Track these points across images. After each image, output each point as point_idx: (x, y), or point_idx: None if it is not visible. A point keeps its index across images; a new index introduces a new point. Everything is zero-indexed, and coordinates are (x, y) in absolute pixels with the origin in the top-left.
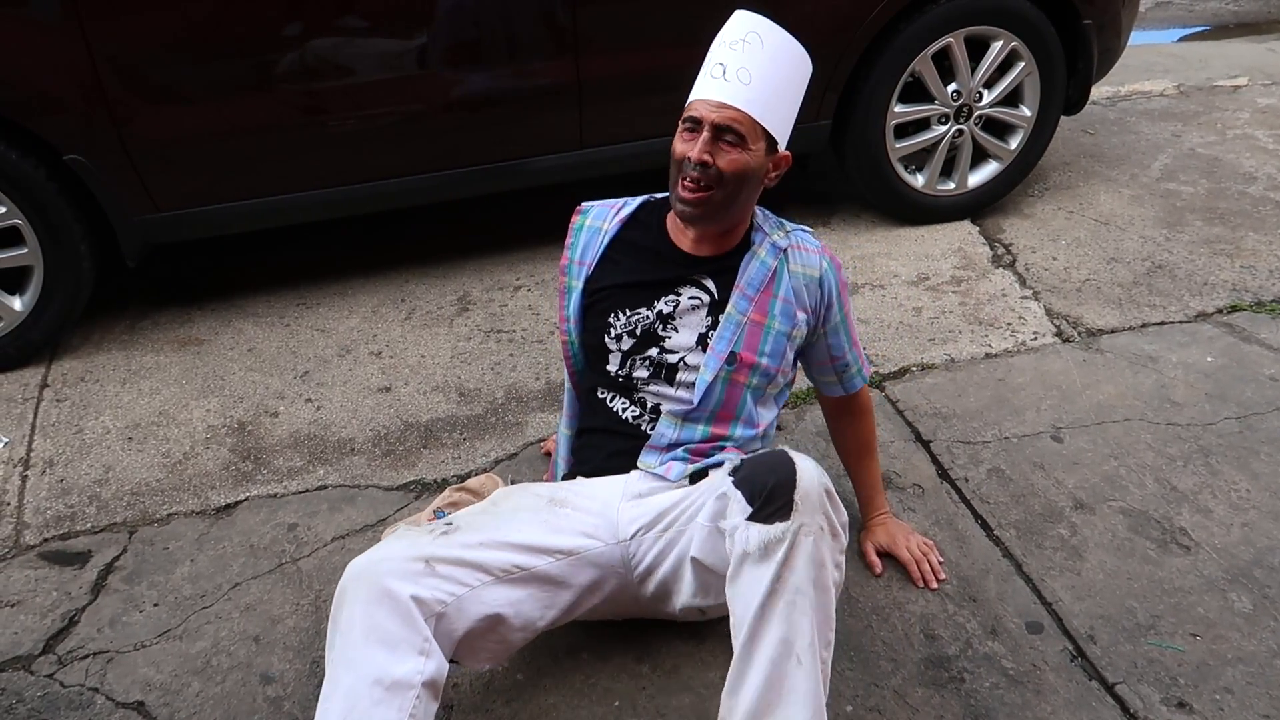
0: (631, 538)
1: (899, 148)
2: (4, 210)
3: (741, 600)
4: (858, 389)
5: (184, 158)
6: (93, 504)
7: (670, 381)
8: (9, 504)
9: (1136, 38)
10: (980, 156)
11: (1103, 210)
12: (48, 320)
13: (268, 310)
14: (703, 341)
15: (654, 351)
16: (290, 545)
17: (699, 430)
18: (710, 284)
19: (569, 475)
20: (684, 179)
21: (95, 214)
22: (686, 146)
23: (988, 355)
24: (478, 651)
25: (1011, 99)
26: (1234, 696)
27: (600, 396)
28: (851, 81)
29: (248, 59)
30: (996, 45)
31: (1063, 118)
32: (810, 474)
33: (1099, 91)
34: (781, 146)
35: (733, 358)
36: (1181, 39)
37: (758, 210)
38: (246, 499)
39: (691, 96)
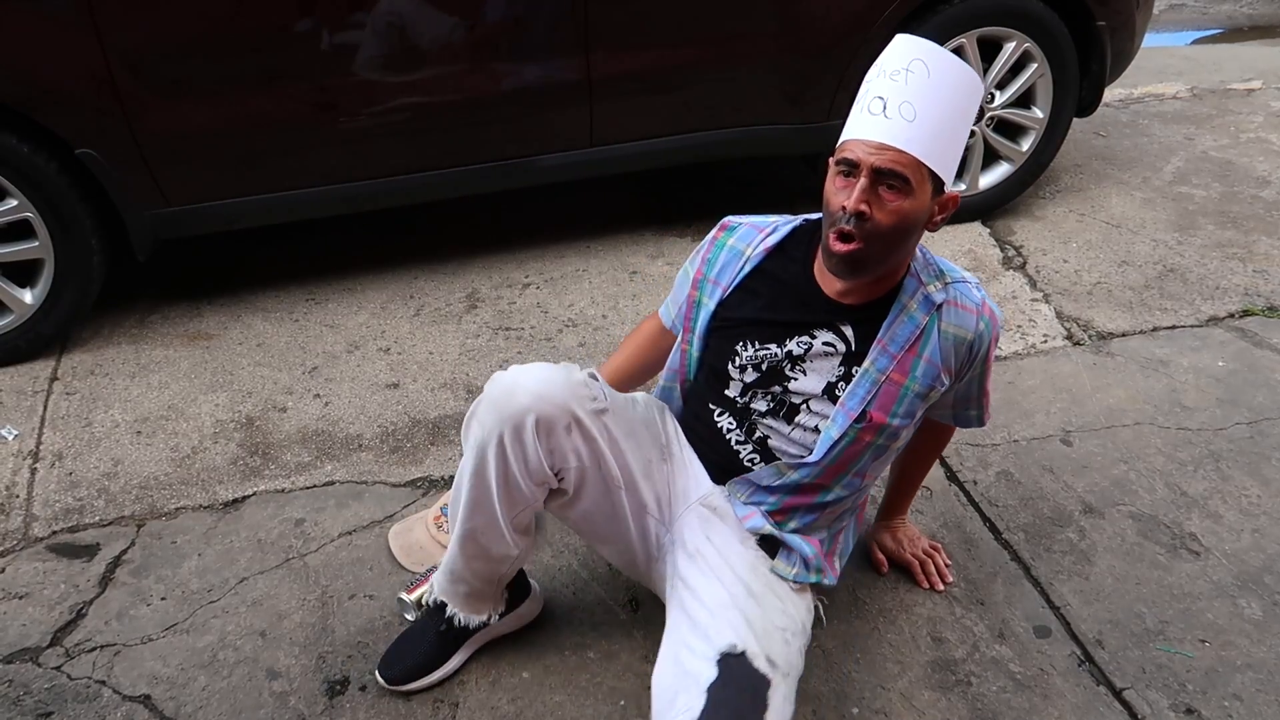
0: (670, 540)
1: None
2: (16, 203)
3: None
4: (968, 427)
5: (195, 152)
6: (101, 497)
7: (789, 421)
8: (18, 496)
9: (1150, 40)
10: (992, 158)
11: (1114, 213)
12: (58, 313)
13: (277, 306)
14: (830, 391)
15: (778, 389)
16: (297, 541)
17: (803, 479)
18: (849, 331)
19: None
20: (836, 229)
21: (106, 208)
22: (840, 195)
23: (997, 357)
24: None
25: (1024, 100)
26: (1243, 703)
27: (710, 408)
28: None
29: (259, 54)
30: (1009, 46)
31: (1075, 120)
32: None
33: (1112, 94)
34: (949, 186)
35: (863, 415)
36: (1195, 41)
37: (919, 252)
38: (254, 494)
39: (845, 135)
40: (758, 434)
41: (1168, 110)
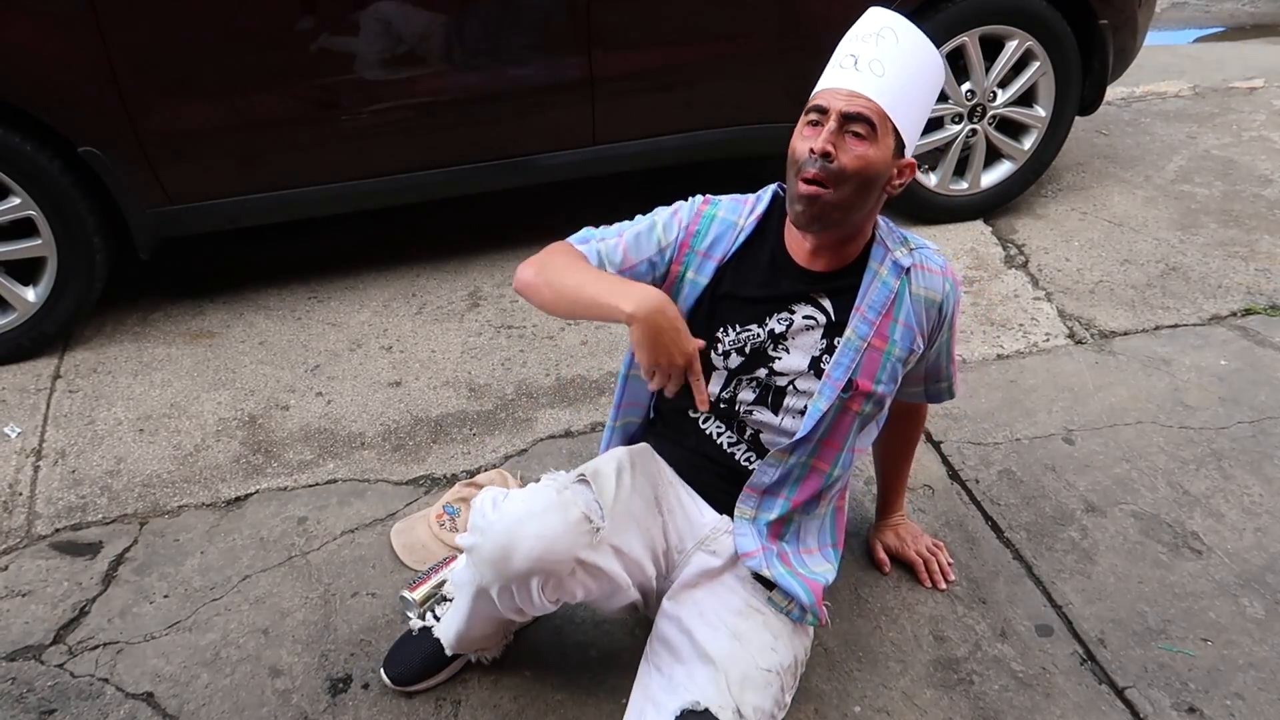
0: (668, 577)
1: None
2: (18, 201)
3: None
4: (940, 402)
5: (197, 151)
6: (104, 495)
7: (776, 409)
8: (21, 494)
9: (1152, 38)
10: (994, 156)
11: (1116, 212)
12: (61, 311)
13: (279, 304)
14: (815, 366)
15: (763, 373)
16: (300, 539)
17: (800, 465)
18: (827, 303)
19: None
20: (801, 176)
21: (109, 206)
22: (807, 141)
23: (999, 356)
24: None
25: (1026, 99)
26: (1245, 702)
27: (693, 417)
28: None
29: (261, 52)
30: (1011, 45)
31: (1077, 118)
32: None
33: (1114, 92)
34: (909, 152)
35: (849, 385)
36: (1198, 40)
37: (880, 221)
38: (256, 492)
39: (818, 88)
40: (749, 431)
41: (1170, 109)
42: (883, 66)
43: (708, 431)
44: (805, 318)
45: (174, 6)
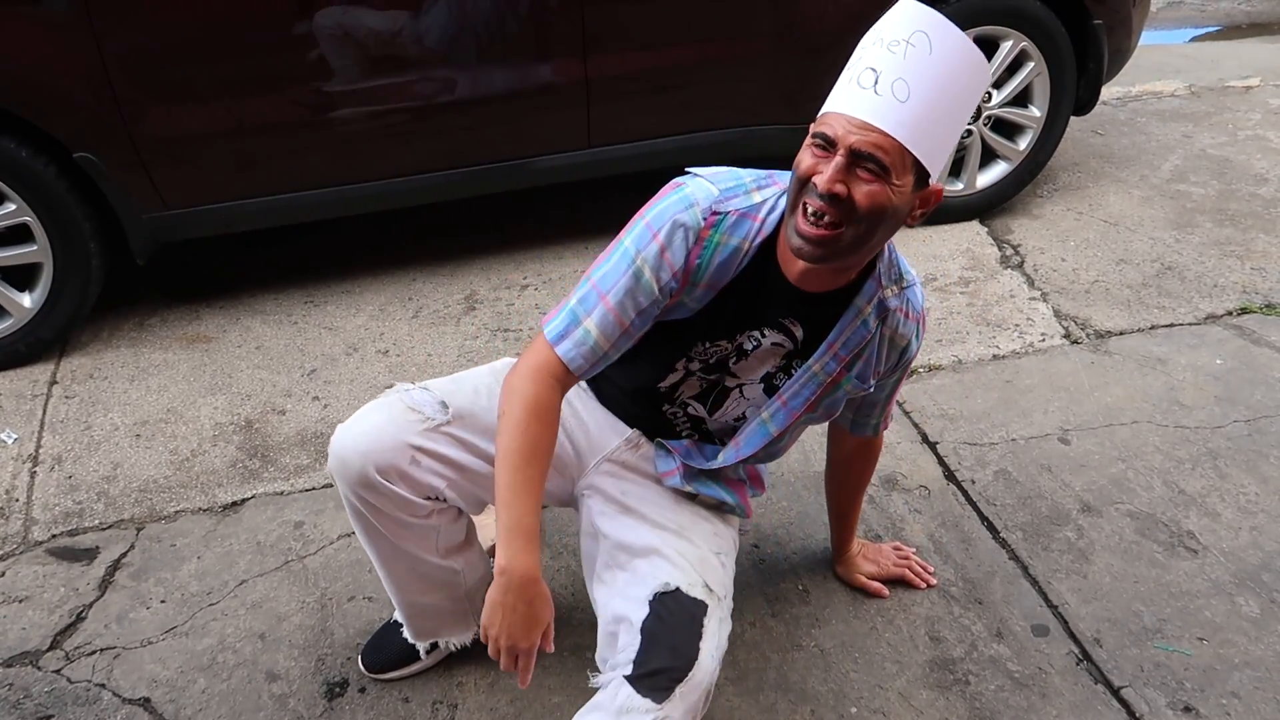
0: (583, 492)
1: None
2: (14, 207)
3: None
4: (864, 436)
5: (192, 155)
6: (101, 500)
7: (714, 409)
8: (18, 500)
9: (1147, 38)
10: (989, 157)
11: (1112, 211)
12: (57, 317)
13: (276, 308)
14: (768, 381)
15: (715, 377)
16: (296, 543)
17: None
18: (799, 330)
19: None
20: (805, 208)
21: (104, 211)
22: (815, 163)
23: (995, 356)
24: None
25: (1021, 99)
26: (1240, 701)
27: (636, 387)
28: None
29: (255, 57)
30: (1006, 45)
31: (1072, 118)
32: (705, 675)
33: (1109, 92)
34: (935, 179)
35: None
36: (1193, 39)
37: (885, 249)
38: (253, 496)
39: (828, 105)
40: (687, 414)
41: (1165, 108)
42: (908, 88)
43: (646, 398)
44: (774, 343)
45: (168, 11)
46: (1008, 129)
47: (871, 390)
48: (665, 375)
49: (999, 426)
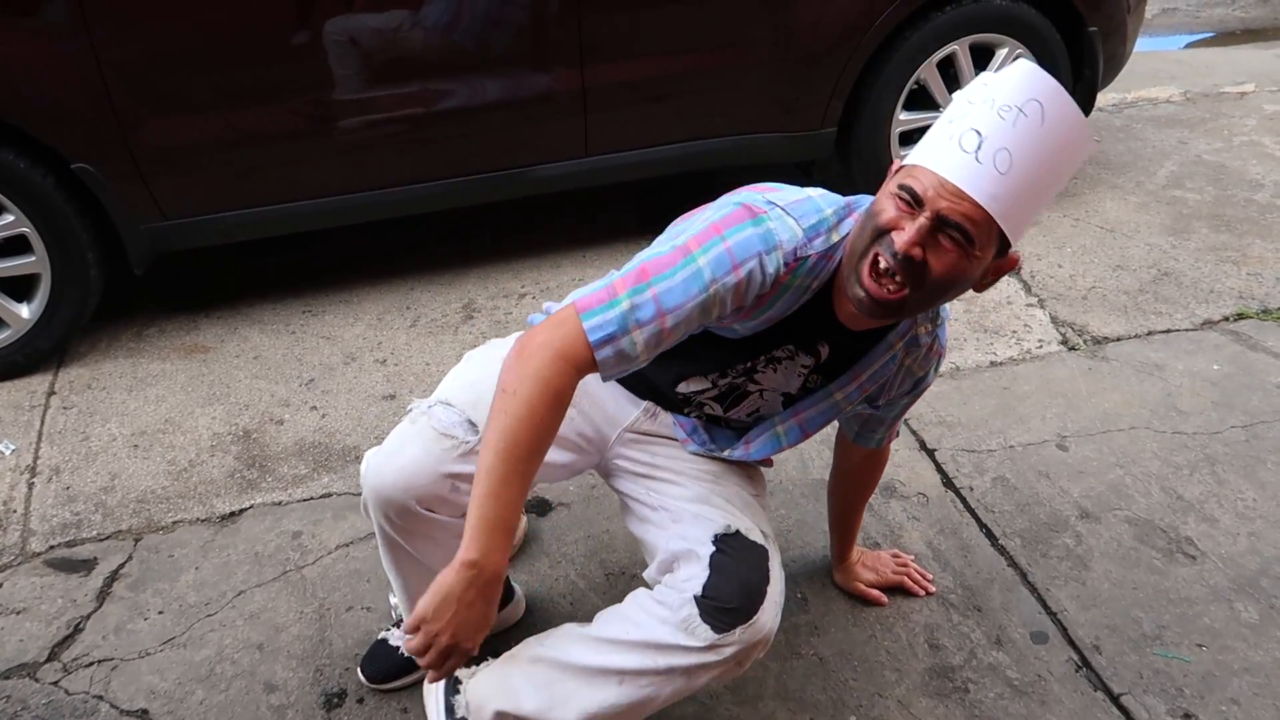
0: (613, 461)
1: (904, 155)
2: (12, 218)
3: (631, 619)
4: (869, 447)
5: (190, 166)
6: (98, 511)
7: (730, 407)
8: (15, 511)
9: (1142, 44)
10: None
11: (1108, 217)
12: (55, 327)
13: (273, 318)
14: (786, 394)
15: (739, 381)
16: (294, 553)
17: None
18: (825, 350)
19: None
20: (874, 262)
21: (102, 222)
22: (897, 217)
23: (993, 363)
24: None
25: None
26: (1240, 708)
27: (649, 379)
28: (857, 89)
29: (254, 68)
30: (1002, 52)
31: None
32: (767, 621)
33: (1105, 98)
34: (1014, 248)
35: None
36: (1188, 45)
37: None
38: (251, 507)
39: (921, 156)
40: (706, 410)
41: (1161, 114)
42: (1010, 160)
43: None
44: (802, 364)
45: (165, 22)
46: None
47: (879, 412)
48: (688, 380)
49: (997, 433)
